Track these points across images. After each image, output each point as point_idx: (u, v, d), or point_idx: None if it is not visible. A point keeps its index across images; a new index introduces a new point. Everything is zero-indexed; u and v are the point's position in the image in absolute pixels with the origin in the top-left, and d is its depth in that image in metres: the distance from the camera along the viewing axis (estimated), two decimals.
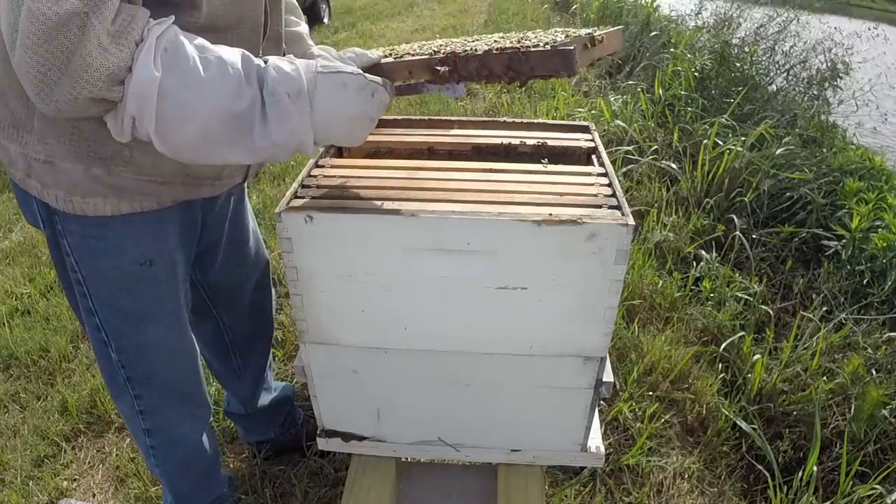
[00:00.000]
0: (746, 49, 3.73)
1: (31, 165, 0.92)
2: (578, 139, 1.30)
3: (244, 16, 0.91)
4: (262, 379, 1.55)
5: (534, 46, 0.88)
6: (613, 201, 1.01)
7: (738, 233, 2.57)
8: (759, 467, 1.70)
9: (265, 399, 1.58)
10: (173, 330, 1.12)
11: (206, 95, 0.77)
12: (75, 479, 1.66)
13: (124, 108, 0.76)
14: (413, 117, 1.39)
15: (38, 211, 0.98)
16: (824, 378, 1.93)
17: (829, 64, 3.51)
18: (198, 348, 1.23)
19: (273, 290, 1.51)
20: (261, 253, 1.40)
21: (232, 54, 0.80)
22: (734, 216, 2.70)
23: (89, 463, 1.70)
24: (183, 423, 1.23)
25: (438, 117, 1.40)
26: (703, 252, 2.54)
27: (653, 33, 4.67)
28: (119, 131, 0.79)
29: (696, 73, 3.68)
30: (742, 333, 2.10)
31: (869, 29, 3.71)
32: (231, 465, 1.67)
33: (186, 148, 0.80)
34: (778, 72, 3.74)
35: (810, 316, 2.20)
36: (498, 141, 1.26)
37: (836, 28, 3.65)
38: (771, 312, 2.23)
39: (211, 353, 1.46)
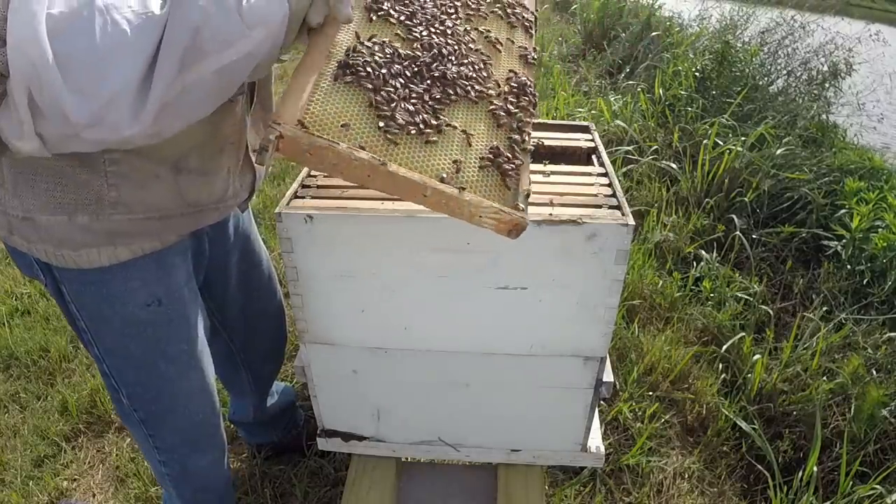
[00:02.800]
0: (748, 50, 3.73)
1: (11, 223, 0.84)
2: (578, 139, 1.30)
3: None
4: (270, 390, 1.55)
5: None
6: (613, 201, 1.01)
7: (738, 233, 2.56)
8: (759, 467, 1.70)
9: (268, 403, 1.57)
10: (188, 370, 1.05)
11: None
12: (75, 479, 1.66)
13: (12, 80, 0.56)
14: None
15: (33, 260, 0.90)
16: (824, 378, 1.93)
17: (830, 66, 3.51)
18: (214, 389, 1.15)
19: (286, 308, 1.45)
20: (273, 276, 1.34)
21: None
22: (734, 216, 2.70)
23: (89, 463, 1.70)
24: (200, 458, 1.18)
25: None
26: (703, 252, 2.54)
27: (654, 33, 4.67)
28: (15, 129, 0.59)
29: (696, 74, 3.68)
30: (742, 333, 2.10)
31: (870, 35, 3.70)
32: (231, 465, 1.67)
33: (119, 101, 0.58)
34: (779, 73, 3.74)
35: (810, 316, 2.20)
36: None
37: (837, 32, 3.65)
38: (771, 312, 2.23)
39: (221, 371, 1.44)
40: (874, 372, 1.93)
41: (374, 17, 0.83)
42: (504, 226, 0.74)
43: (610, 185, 1.07)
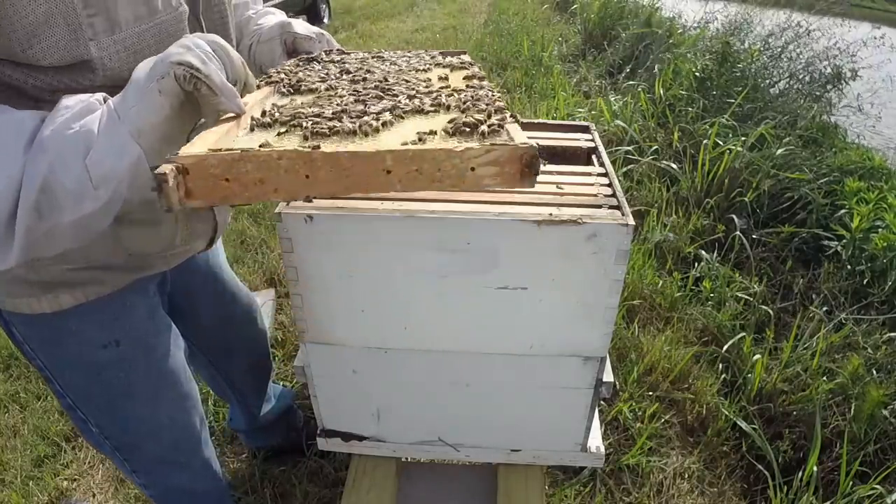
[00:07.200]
0: (749, 51, 3.73)
1: None
2: (578, 139, 1.30)
3: None
4: (262, 400, 1.54)
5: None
6: (613, 201, 1.01)
7: (738, 233, 2.57)
8: (760, 467, 1.70)
9: (265, 409, 1.57)
10: (157, 403, 1.01)
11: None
12: (75, 479, 1.66)
13: None
14: None
15: None
16: (824, 378, 1.92)
17: (833, 70, 3.51)
18: (197, 409, 1.11)
19: (267, 325, 1.43)
20: (241, 292, 1.31)
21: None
22: (734, 216, 2.70)
23: (89, 463, 1.70)
24: (181, 475, 1.14)
25: None
26: (704, 252, 2.54)
27: (654, 30, 4.67)
28: None
29: (696, 74, 3.68)
30: (742, 333, 2.10)
31: (875, 38, 3.70)
32: (231, 466, 1.67)
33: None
34: (781, 75, 3.73)
35: (811, 316, 2.20)
36: None
37: (842, 36, 3.64)
38: (771, 312, 2.23)
39: (210, 387, 1.44)
40: (874, 372, 1.93)
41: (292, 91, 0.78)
42: (511, 165, 0.52)
43: (610, 185, 1.07)
